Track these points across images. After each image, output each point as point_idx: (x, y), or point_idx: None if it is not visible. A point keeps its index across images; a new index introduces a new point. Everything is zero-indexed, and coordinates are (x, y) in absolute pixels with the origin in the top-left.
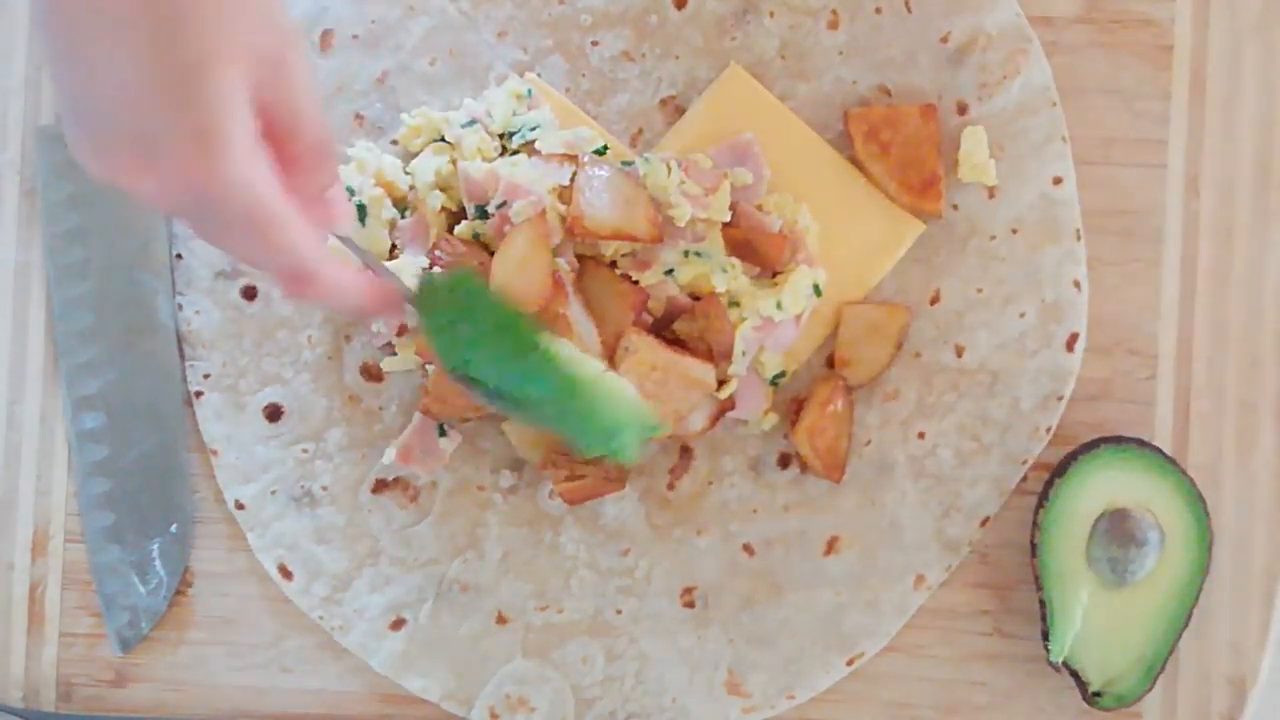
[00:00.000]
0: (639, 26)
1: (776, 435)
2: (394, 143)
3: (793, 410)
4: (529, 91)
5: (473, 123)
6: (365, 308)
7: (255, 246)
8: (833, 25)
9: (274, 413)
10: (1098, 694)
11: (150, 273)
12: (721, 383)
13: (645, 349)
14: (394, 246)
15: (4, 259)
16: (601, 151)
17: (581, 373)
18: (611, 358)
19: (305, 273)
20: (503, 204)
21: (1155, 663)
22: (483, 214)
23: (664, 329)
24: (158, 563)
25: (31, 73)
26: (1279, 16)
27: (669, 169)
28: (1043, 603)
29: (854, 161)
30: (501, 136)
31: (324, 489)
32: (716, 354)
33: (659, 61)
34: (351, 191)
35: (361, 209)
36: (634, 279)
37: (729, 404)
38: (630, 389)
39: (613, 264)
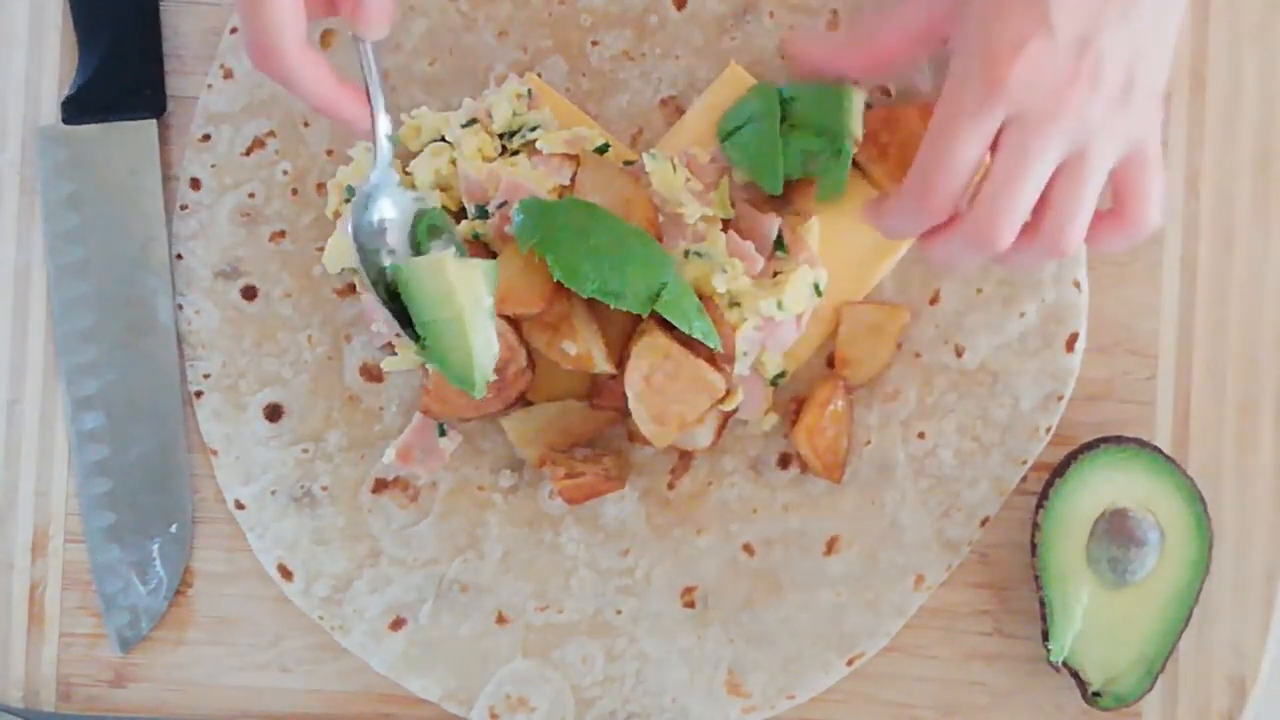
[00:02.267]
0: (639, 26)
1: (776, 435)
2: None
3: (793, 410)
4: (529, 91)
5: (473, 123)
6: (321, 106)
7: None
8: (832, 25)
9: (274, 413)
10: (1098, 694)
11: (150, 273)
12: (727, 393)
13: (661, 338)
14: None
15: (4, 259)
16: (603, 150)
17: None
18: (618, 361)
19: (271, 49)
20: (503, 204)
21: (1155, 663)
22: (483, 214)
23: (665, 332)
24: (158, 563)
25: (32, 72)
26: (1279, 17)
27: (674, 166)
28: (1043, 603)
29: (854, 162)
30: (501, 136)
31: (324, 489)
32: (719, 357)
33: (659, 61)
34: (351, 191)
35: None
36: None
37: (733, 413)
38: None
39: None
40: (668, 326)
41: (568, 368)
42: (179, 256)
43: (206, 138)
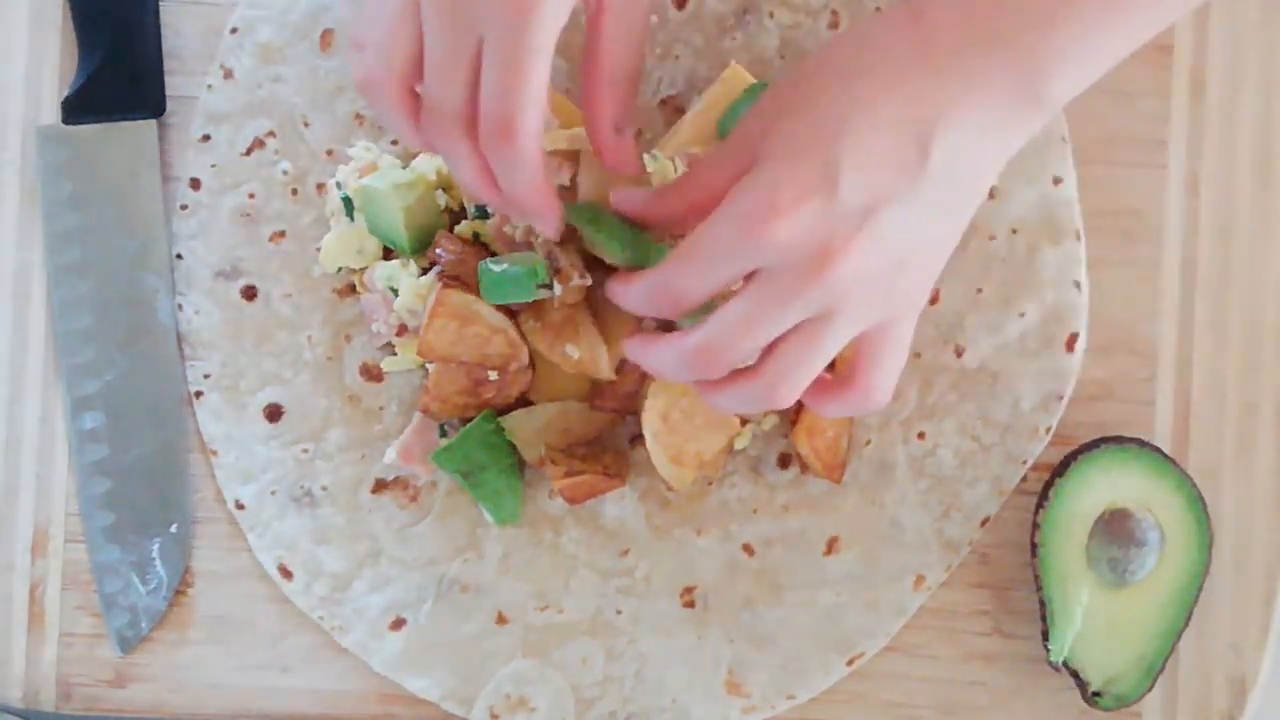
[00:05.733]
0: None
1: (776, 435)
2: (394, 143)
3: (793, 410)
4: None
5: None
6: (526, 202)
7: (501, 65)
8: (833, 25)
9: (274, 413)
10: (1098, 694)
11: (150, 273)
12: (744, 421)
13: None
14: None
15: (4, 259)
16: None
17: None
18: (619, 369)
19: (515, 128)
20: None
21: (1155, 663)
22: (483, 213)
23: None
24: (158, 563)
25: (32, 72)
26: (1279, 16)
27: (675, 166)
28: (1043, 603)
29: None
30: None
31: (324, 489)
32: None
33: (659, 61)
34: (348, 200)
35: (350, 203)
36: None
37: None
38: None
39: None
40: None
41: (569, 371)
42: (179, 256)
43: (206, 138)
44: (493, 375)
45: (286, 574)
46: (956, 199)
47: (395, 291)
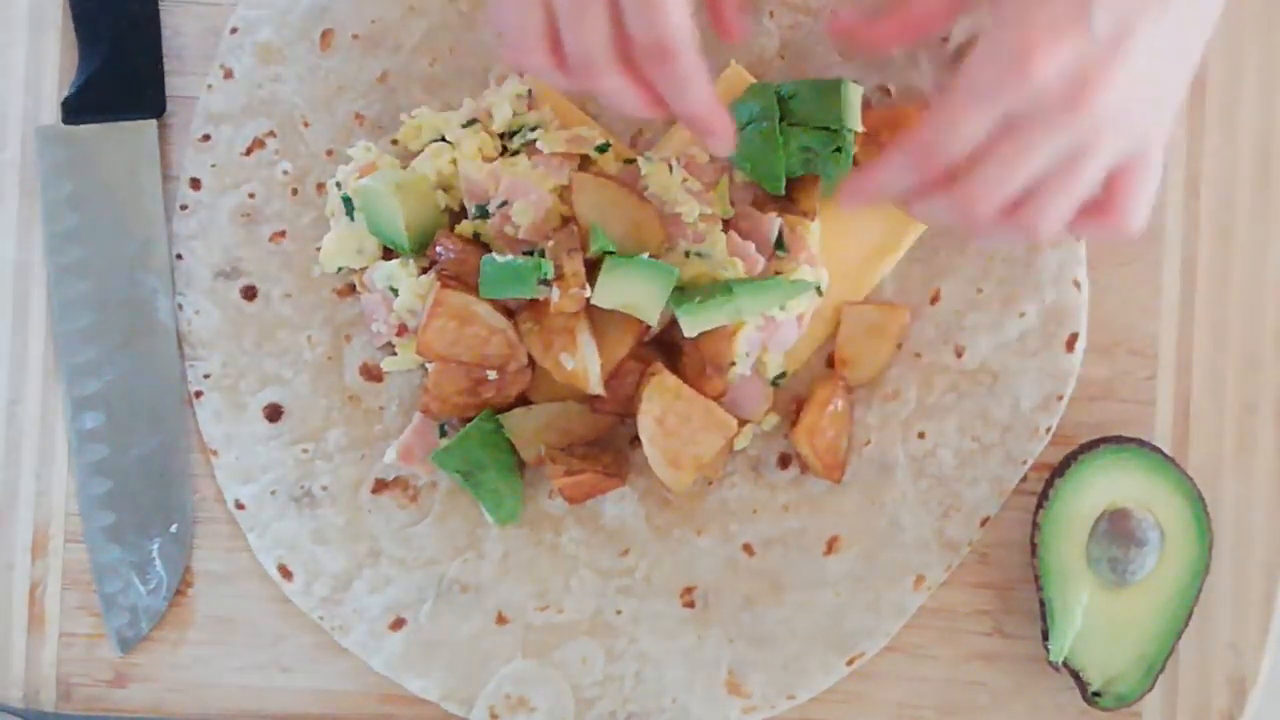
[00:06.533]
0: None
1: (776, 435)
2: (394, 142)
3: (793, 410)
4: (529, 91)
5: (473, 123)
6: (700, 117)
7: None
8: None
9: (274, 413)
10: (1098, 694)
11: (150, 273)
12: (743, 422)
13: (670, 378)
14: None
15: (4, 258)
16: (604, 149)
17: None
18: (610, 379)
19: (672, 47)
20: (504, 203)
21: (1155, 663)
22: (483, 213)
23: (664, 337)
24: (158, 563)
25: (32, 72)
26: (1279, 17)
27: (670, 167)
28: (1043, 603)
29: (854, 161)
30: (502, 136)
31: (324, 489)
32: (710, 364)
33: None
34: (348, 200)
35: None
36: None
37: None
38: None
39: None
40: (674, 367)
41: (560, 380)
42: (179, 256)
43: (206, 138)
44: (492, 375)
45: (286, 574)
46: (1195, 17)
47: (395, 291)
